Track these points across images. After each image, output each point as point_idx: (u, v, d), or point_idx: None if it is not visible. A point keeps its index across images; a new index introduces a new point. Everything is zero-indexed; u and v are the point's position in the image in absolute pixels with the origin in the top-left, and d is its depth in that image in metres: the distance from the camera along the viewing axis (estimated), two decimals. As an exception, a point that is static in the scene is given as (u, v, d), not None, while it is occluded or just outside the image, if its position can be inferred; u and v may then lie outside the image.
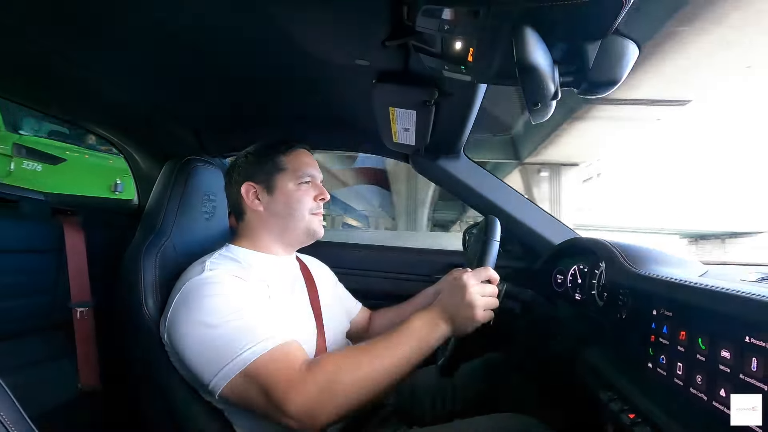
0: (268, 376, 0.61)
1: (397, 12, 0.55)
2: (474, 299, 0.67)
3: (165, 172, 0.94)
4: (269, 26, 0.66)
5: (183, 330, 0.67)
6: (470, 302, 0.67)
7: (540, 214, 1.26)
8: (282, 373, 0.61)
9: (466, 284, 0.68)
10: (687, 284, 0.55)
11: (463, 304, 0.67)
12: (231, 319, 0.64)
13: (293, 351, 0.65)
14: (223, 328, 0.64)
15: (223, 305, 0.66)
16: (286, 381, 0.60)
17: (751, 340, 0.45)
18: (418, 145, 1.10)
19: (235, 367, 0.61)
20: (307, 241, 0.89)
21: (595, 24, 0.46)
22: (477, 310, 0.67)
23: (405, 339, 0.66)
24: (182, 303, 0.69)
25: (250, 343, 0.62)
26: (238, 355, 0.61)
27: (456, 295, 0.69)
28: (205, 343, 0.65)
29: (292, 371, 0.61)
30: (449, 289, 0.71)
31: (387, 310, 1.09)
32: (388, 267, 1.41)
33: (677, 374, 0.57)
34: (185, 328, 0.67)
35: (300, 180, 0.84)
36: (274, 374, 0.61)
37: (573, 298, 1.01)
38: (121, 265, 0.86)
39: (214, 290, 0.68)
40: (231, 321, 0.64)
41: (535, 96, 0.49)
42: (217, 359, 0.62)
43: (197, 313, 0.66)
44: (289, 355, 0.63)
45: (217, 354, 0.63)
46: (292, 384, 0.60)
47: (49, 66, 0.82)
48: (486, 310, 0.68)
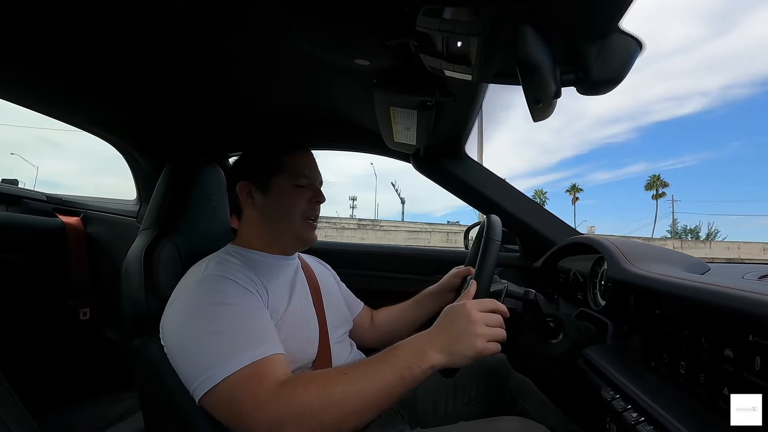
0: (236, 394, 0.58)
1: (398, 12, 0.55)
2: (476, 329, 0.61)
3: (166, 173, 0.94)
4: (270, 26, 0.66)
5: (171, 330, 0.66)
6: (473, 331, 0.61)
7: (541, 213, 1.26)
8: (249, 392, 0.58)
9: (469, 312, 0.62)
10: (690, 283, 0.54)
11: (465, 334, 0.61)
12: (213, 330, 0.62)
13: (269, 367, 0.61)
14: (203, 338, 0.62)
15: (208, 312, 0.64)
16: (253, 400, 0.57)
17: (755, 339, 0.45)
18: (419, 145, 1.11)
19: (209, 381, 0.59)
20: (299, 248, 0.88)
21: (597, 22, 0.46)
22: (479, 341, 0.60)
23: (386, 366, 0.60)
24: (173, 303, 0.69)
25: (225, 358, 0.59)
26: (213, 369, 0.59)
27: (456, 322, 0.62)
28: (186, 348, 0.63)
29: (261, 390, 0.58)
30: (449, 316, 0.65)
31: (389, 309, 1.09)
32: (389, 267, 1.41)
33: (680, 373, 0.57)
34: (173, 327, 0.66)
35: (296, 182, 0.83)
36: (242, 393, 0.58)
37: (575, 297, 1.01)
38: (123, 266, 0.86)
39: (204, 296, 0.66)
40: (213, 332, 0.62)
41: (537, 94, 0.49)
42: (196, 370, 0.61)
43: (185, 315, 0.66)
44: (261, 373, 0.59)
45: (197, 364, 0.61)
46: (259, 404, 0.57)
47: (49, 67, 0.82)
48: (491, 341, 0.62)
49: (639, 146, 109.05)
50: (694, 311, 0.56)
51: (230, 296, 0.67)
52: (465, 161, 1.24)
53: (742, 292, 0.45)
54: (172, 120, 1.10)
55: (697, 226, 50.84)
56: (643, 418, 0.53)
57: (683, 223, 51.43)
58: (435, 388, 0.95)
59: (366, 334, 1.05)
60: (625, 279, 0.70)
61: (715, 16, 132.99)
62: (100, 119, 1.15)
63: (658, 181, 45.84)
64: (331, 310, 0.87)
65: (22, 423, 0.46)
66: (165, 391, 0.63)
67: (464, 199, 1.28)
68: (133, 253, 0.86)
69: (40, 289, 1.40)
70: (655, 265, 0.71)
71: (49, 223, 1.42)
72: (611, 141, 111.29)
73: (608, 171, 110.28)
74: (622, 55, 0.47)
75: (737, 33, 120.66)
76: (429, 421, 0.92)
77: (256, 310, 0.68)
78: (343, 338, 0.89)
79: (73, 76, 0.86)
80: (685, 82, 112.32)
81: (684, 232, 49.02)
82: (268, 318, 0.69)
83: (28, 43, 0.73)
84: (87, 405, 1.34)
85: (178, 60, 0.79)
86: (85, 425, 1.24)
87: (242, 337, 0.63)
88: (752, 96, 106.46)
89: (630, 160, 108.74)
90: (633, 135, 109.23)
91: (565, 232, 1.24)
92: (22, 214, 1.41)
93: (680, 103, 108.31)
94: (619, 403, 0.58)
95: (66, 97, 0.99)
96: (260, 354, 0.61)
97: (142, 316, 0.79)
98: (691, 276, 0.60)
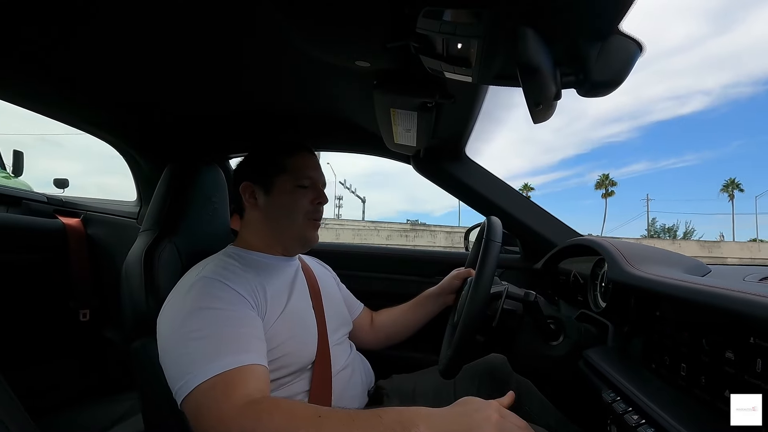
0: (203, 403, 0.56)
1: (398, 13, 0.55)
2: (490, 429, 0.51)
3: (166, 175, 0.94)
4: (270, 27, 0.66)
5: (160, 332, 0.66)
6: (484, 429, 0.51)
7: (542, 214, 1.26)
8: (215, 404, 0.55)
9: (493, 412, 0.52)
10: (690, 285, 0.54)
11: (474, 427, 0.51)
12: (195, 336, 0.61)
13: (242, 379, 0.58)
14: (185, 342, 0.61)
15: (194, 316, 0.63)
16: (217, 413, 0.54)
17: (756, 341, 0.45)
18: (420, 146, 1.11)
19: (185, 387, 0.57)
20: (301, 249, 0.88)
21: (598, 24, 0.46)
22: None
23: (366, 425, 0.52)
24: (165, 305, 0.69)
25: (201, 364, 0.58)
26: (189, 375, 0.58)
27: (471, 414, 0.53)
28: (169, 352, 0.62)
29: (226, 404, 0.55)
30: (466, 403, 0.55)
31: (389, 310, 1.09)
32: (389, 268, 1.41)
33: (681, 375, 0.57)
34: (162, 330, 0.66)
35: (299, 182, 0.83)
36: (210, 403, 0.56)
37: (575, 299, 1.01)
38: (123, 267, 0.86)
39: (194, 299, 0.65)
40: (194, 336, 0.61)
41: (537, 96, 0.49)
42: (175, 374, 0.60)
43: (172, 318, 0.65)
44: (232, 384, 0.56)
45: (176, 368, 0.60)
46: (222, 418, 0.54)
47: (49, 68, 0.82)
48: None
49: (640, 145, 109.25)
50: (695, 313, 0.56)
51: (219, 300, 0.66)
52: (465, 163, 1.24)
53: (743, 294, 0.45)
54: (173, 121, 1.10)
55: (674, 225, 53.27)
56: (643, 420, 0.52)
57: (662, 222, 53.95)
58: (434, 389, 0.95)
59: (366, 335, 1.05)
60: (625, 281, 0.70)
61: (717, 14, 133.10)
62: (100, 120, 1.15)
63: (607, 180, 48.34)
64: (330, 312, 0.87)
65: (22, 424, 0.46)
66: (165, 393, 0.63)
67: (464, 201, 1.28)
68: (134, 254, 0.86)
69: (41, 291, 1.40)
70: (655, 266, 0.71)
71: (49, 225, 1.42)
72: (613, 140, 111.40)
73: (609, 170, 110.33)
74: (623, 57, 0.47)
75: (739, 31, 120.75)
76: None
77: (244, 316, 0.66)
78: (343, 340, 0.89)
79: (73, 76, 0.86)
80: (686, 81, 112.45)
81: (663, 231, 50.91)
82: (257, 326, 0.67)
83: (28, 43, 0.73)
84: (87, 406, 1.34)
85: (179, 61, 0.79)
86: (85, 427, 1.24)
87: (222, 343, 0.60)
88: (754, 94, 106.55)
89: (631, 159, 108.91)
90: (634, 134, 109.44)
91: (565, 233, 1.23)
92: (23, 216, 1.41)
93: (682, 102, 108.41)
94: (620, 405, 0.58)
95: (66, 98, 0.99)
96: (236, 363, 0.58)
97: (143, 318, 0.79)
98: (692, 278, 0.60)
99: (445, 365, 0.77)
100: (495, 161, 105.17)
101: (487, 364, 0.99)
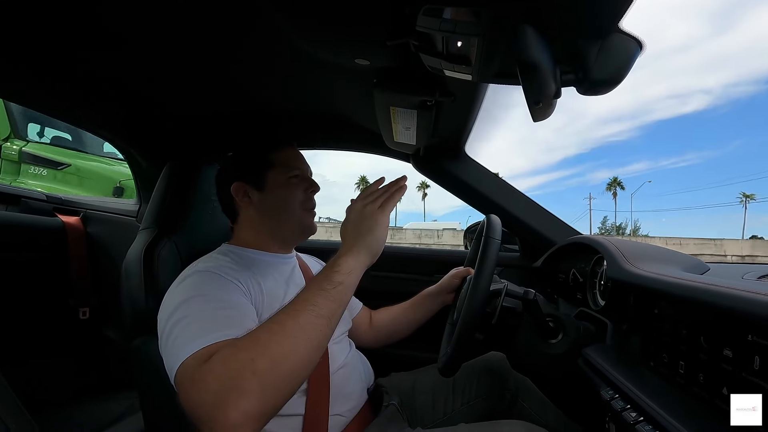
0: (185, 378, 0.53)
1: (398, 11, 0.55)
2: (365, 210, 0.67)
3: (166, 173, 0.94)
4: (269, 26, 0.66)
5: (158, 328, 0.64)
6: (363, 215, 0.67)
7: (541, 213, 1.26)
8: (188, 373, 0.52)
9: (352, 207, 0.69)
10: (689, 283, 0.55)
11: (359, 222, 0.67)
12: (185, 322, 0.59)
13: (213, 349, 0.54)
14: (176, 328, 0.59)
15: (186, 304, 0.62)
16: (190, 379, 0.52)
17: (754, 339, 0.45)
18: (419, 145, 1.10)
19: (174, 368, 0.55)
20: (301, 238, 0.89)
21: (598, 23, 0.46)
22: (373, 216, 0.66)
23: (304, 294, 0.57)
24: (162, 302, 0.67)
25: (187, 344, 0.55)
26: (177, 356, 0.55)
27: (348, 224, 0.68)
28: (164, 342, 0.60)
29: (194, 368, 0.52)
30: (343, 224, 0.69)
31: (388, 309, 1.09)
32: (388, 267, 1.41)
33: (680, 372, 0.57)
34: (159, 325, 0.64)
35: (289, 174, 0.85)
36: (183, 375, 0.53)
37: (574, 297, 1.01)
38: (123, 265, 0.86)
39: (185, 290, 0.65)
40: (185, 323, 0.59)
41: (537, 95, 0.49)
42: (169, 362, 0.58)
43: (165, 311, 0.64)
44: (205, 355, 0.53)
45: (169, 355, 0.58)
46: (194, 381, 0.51)
47: (50, 67, 0.82)
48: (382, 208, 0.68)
49: (641, 144, 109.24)
50: (693, 311, 0.56)
51: (209, 287, 0.65)
52: (465, 161, 1.24)
53: (741, 292, 0.45)
54: (173, 120, 1.10)
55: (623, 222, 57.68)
56: (642, 417, 0.53)
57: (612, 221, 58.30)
58: (434, 387, 0.96)
59: (365, 334, 1.06)
60: (624, 279, 0.70)
61: (717, 13, 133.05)
62: (100, 119, 1.15)
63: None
64: (329, 310, 0.87)
65: (21, 422, 0.46)
66: (165, 391, 0.63)
67: (464, 199, 1.28)
68: (133, 252, 0.86)
69: (40, 289, 1.40)
70: (654, 265, 0.72)
71: (48, 223, 1.42)
72: (613, 139, 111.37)
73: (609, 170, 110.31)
74: (622, 55, 0.47)
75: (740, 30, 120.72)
76: (428, 421, 0.92)
77: (236, 300, 0.65)
78: (342, 338, 0.89)
79: (73, 75, 0.86)
80: (687, 80, 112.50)
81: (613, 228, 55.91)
82: (248, 313, 0.65)
83: (28, 42, 0.73)
84: (86, 404, 1.34)
85: (180, 59, 0.79)
86: (84, 425, 1.24)
87: (209, 322, 0.58)
88: (755, 94, 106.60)
89: (632, 159, 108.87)
90: (635, 133, 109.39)
91: (564, 231, 1.24)
92: (22, 214, 1.41)
93: (682, 101, 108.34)
94: (618, 402, 0.58)
95: (66, 97, 0.99)
96: (221, 337, 0.55)
97: (142, 316, 0.80)
98: (691, 276, 0.61)
99: (445, 363, 0.78)
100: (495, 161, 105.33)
101: (486, 361, 1.00)
